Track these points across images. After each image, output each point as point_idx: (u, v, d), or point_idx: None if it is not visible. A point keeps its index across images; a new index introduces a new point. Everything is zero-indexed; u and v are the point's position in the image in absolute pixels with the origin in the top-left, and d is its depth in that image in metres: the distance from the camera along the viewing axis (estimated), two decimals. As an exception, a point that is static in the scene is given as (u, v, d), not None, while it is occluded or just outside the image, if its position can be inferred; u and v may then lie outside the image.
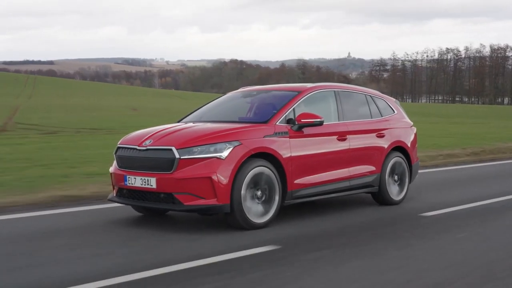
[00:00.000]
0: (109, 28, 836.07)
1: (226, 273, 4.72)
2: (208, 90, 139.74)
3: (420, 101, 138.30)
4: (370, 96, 8.42)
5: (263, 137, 6.55)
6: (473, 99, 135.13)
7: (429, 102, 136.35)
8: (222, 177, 6.10)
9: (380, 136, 8.08)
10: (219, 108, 7.86)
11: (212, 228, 6.44)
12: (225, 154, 6.17)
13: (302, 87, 7.54)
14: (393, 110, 8.67)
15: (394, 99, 9.05)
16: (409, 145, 8.54)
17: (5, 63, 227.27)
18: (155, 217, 7.04)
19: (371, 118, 8.18)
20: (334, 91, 7.79)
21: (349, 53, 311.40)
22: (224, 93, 8.61)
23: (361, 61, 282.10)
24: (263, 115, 7.06)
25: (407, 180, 8.44)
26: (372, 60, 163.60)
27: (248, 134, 6.46)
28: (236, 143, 6.27)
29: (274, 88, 7.99)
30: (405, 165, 8.41)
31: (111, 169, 6.93)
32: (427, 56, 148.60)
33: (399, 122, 8.60)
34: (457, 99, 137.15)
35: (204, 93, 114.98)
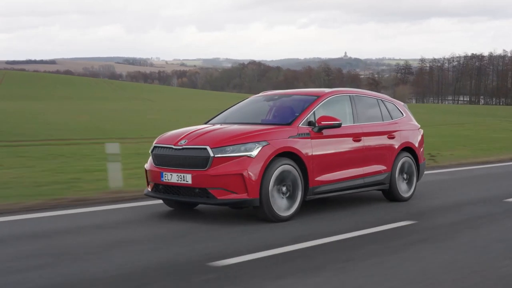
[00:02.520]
0: (108, 28, 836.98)
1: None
2: (230, 90, 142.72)
3: (446, 102, 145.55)
4: (381, 100, 9.07)
5: (288, 137, 7.18)
6: (494, 100, 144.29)
7: (454, 103, 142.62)
8: (252, 174, 6.72)
9: (391, 137, 8.72)
10: (244, 111, 8.47)
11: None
12: (255, 153, 6.79)
13: (320, 92, 8.17)
14: (402, 113, 9.31)
15: (402, 103, 9.68)
16: (417, 145, 9.18)
17: (8, 62, 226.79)
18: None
19: (382, 120, 8.81)
20: (349, 95, 8.43)
21: (345, 53, 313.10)
22: (249, 94, 9.25)
23: (357, 60, 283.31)
24: (287, 117, 7.68)
25: (415, 178, 9.08)
26: (369, 59, 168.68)
27: (274, 135, 7.09)
28: (264, 143, 6.90)
29: (294, 92, 8.61)
30: (413, 164, 9.05)
31: (147, 166, 7.53)
32: (453, 60, 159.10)
33: (407, 125, 9.24)
34: (481, 100, 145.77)
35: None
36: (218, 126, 7.69)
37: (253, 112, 8.39)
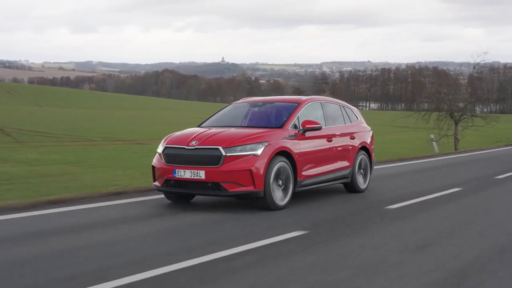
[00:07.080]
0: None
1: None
2: (149, 96, 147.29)
3: (360, 108, 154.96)
4: (342, 106, 10.58)
5: (282, 139, 8.46)
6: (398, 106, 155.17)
7: (366, 109, 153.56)
8: (258, 169, 7.93)
9: (352, 138, 10.24)
10: (231, 115, 9.65)
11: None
12: (259, 151, 8.01)
13: (299, 99, 9.53)
14: (357, 117, 10.87)
15: (356, 108, 11.26)
16: (369, 144, 10.79)
17: None
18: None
19: (345, 123, 10.31)
20: (320, 102, 9.84)
21: (223, 58, 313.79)
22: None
23: (234, 65, 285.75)
24: (276, 121, 8.99)
25: (369, 173, 10.67)
26: (244, 64, 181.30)
27: (273, 136, 8.35)
28: (266, 143, 8.13)
29: (276, 99, 9.90)
30: (367, 161, 10.63)
31: (156, 164, 8.49)
32: (366, 72, 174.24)
33: (362, 127, 10.82)
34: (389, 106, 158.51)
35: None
36: (215, 129, 8.71)
37: (241, 117, 9.53)
